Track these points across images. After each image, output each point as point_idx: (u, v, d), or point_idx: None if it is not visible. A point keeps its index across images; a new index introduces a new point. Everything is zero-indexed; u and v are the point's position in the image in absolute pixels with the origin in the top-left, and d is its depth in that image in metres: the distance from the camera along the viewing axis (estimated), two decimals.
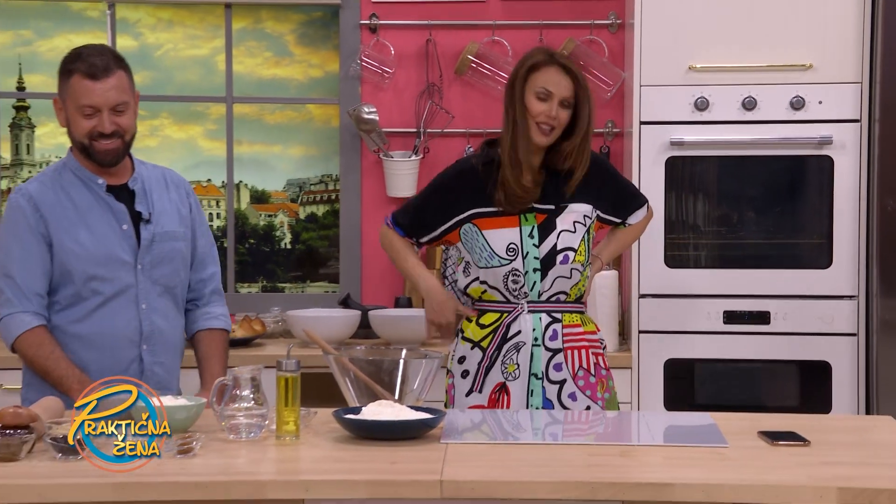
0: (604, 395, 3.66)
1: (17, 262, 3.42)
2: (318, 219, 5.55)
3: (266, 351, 4.76)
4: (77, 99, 3.43)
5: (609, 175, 3.77)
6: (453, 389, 3.71)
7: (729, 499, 2.61)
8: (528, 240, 3.60)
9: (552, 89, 3.55)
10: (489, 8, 5.22)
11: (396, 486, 2.64)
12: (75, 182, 3.50)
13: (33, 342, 3.40)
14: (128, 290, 3.50)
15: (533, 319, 3.61)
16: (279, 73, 5.48)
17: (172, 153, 5.53)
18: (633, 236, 3.91)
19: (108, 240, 3.48)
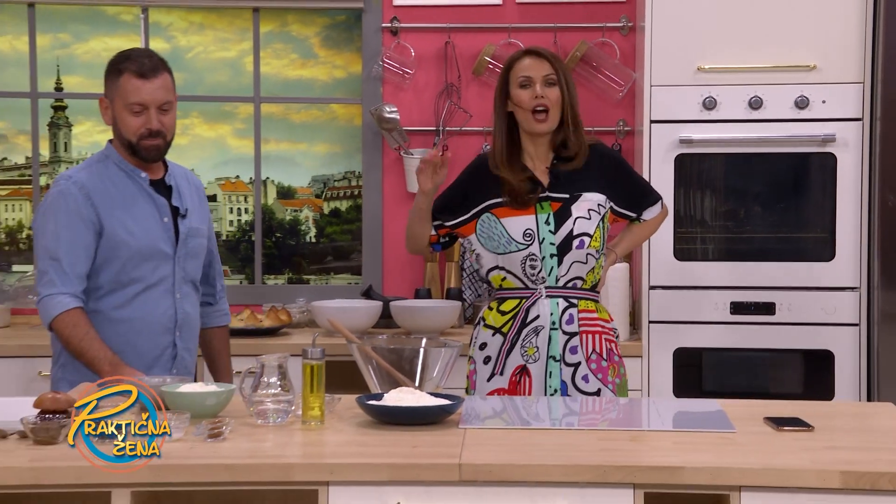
0: (614, 379, 3.67)
1: (65, 246, 3.43)
2: (341, 214, 5.56)
3: (292, 340, 4.77)
4: (126, 97, 3.48)
5: (622, 169, 3.80)
6: (475, 375, 3.73)
7: (736, 482, 2.61)
8: (544, 227, 3.63)
9: (530, 74, 3.65)
10: (505, 11, 5.22)
11: (417, 469, 2.64)
12: (120, 174, 3.54)
13: (69, 323, 3.41)
14: (166, 279, 3.56)
15: (550, 304, 3.64)
16: (304, 74, 5.48)
17: (203, 151, 5.54)
18: (648, 232, 3.92)
19: (152, 231, 3.53)
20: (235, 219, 5.57)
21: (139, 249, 3.49)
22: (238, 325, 4.82)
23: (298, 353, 3.08)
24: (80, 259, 3.44)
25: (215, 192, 5.55)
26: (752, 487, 2.60)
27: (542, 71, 3.65)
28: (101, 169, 3.54)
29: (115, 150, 3.56)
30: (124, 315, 3.50)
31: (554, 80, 3.65)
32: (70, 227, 3.44)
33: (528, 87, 3.64)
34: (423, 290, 5.16)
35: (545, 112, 3.63)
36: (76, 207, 3.45)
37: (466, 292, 5.14)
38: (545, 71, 3.65)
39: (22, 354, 4.58)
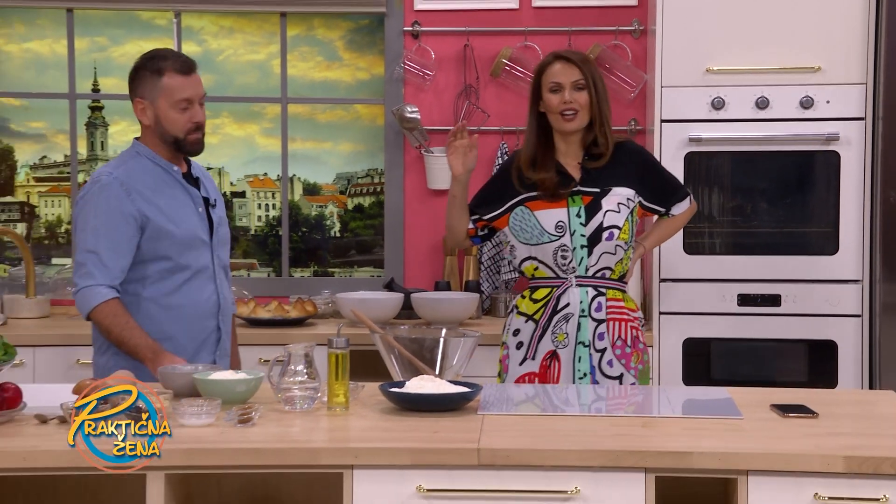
0: (637, 365, 3.72)
1: (104, 239, 3.42)
2: (364, 209, 5.56)
3: (318, 330, 4.77)
4: (172, 94, 3.47)
5: (651, 165, 3.86)
6: (507, 360, 3.78)
7: (743, 466, 2.60)
8: (575, 219, 3.67)
9: (560, 80, 3.70)
10: (522, 15, 5.21)
11: (438, 454, 2.65)
12: (156, 169, 3.53)
13: (109, 313, 3.41)
14: (207, 266, 3.59)
15: (580, 292, 3.68)
16: (329, 75, 5.48)
17: (232, 149, 5.55)
18: (675, 227, 3.96)
19: (191, 221, 3.54)
20: (263, 214, 5.57)
21: (183, 238, 3.50)
22: (266, 315, 4.83)
23: (324, 343, 3.09)
24: (120, 252, 3.43)
25: (244, 188, 5.56)
26: (759, 472, 2.60)
27: (571, 77, 3.69)
28: (136, 165, 3.53)
29: (146, 147, 3.55)
30: (174, 302, 3.51)
31: (583, 85, 3.70)
32: (110, 221, 3.43)
33: (558, 91, 3.70)
34: (442, 282, 5.16)
35: (574, 113, 3.68)
36: (117, 202, 3.43)
37: (484, 284, 5.14)
38: (574, 76, 3.69)
39: (61, 343, 4.60)
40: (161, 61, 3.50)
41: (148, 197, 3.47)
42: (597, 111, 3.71)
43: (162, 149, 3.55)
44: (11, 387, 2.85)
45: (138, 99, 3.51)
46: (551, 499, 2.63)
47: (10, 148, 5.49)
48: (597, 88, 3.70)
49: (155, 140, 3.55)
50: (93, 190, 3.47)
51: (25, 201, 5.53)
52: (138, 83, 3.52)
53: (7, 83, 5.45)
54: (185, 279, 3.52)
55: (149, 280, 3.49)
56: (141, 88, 3.51)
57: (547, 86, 3.72)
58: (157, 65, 3.50)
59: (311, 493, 2.98)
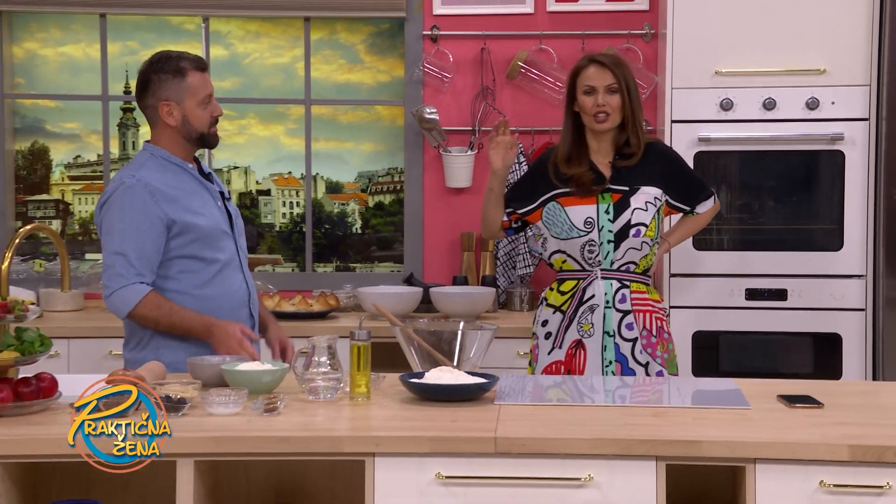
0: (663, 354, 3.74)
1: (131, 241, 3.36)
2: (385, 207, 5.56)
3: (340, 323, 4.78)
4: (197, 92, 3.43)
5: (678, 165, 3.88)
6: (537, 349, 3.81)
7: (751, 454, 2.59)
8: (603, 215, 3.69)
9: (594, 83, 3.72)
10: (537, 20, 5.20)
11: (456, 442, 2.65)
12: (173, 168, 3.47)
13: (152, 305, 3.36)
14: (234, 257, 3.55)
15: (605, 285, 3.70)
16: (351, 78, 5.48)
17: (258, 149, 5.56)
18: (699, 224, 3.98)
19: (214, 215, 3.50)
20: (288, 211, 5.58)
21: (209, 231, 3.45)
22: (290, 308, 4.84)
23: (346, 335, 3.09)
24: (147, 252, 3.38)
25: (269, 186, 5.57)
26: (766, 460, 2.60)
27: (604, 80, 3.71)
28: (155, 166, 3.46)
29: (159, 148, 3.48)
30: (207, 293, 3.47)
31: (616, 88, 3.71)
32: (136, 223, 3.37)
33: (592, 94, 3.73)
34: (460, 277, 5.16)
35: (606, 115, 3.71)
36: (142, 204, 3.37)
37: (500, 279, 5.14)
38: (608, 80, 3.71)
39: (94, 335, 4.62)
40: (179, 62, 3.44)
41: (171, 196, 3.41)
42: (629, 112, 3.72)
43: (178, 148, 3.49)
44: (47, 377, 2.87)
45: (164, 102, 3.42)
46: (565, 485, 2.62)
47: (45, 148, 5.51)
48: (629, 91, 3.71)
49: (176, 140, 3.48)
50: (117, 193, 3.40)
51: (60, 199, 5.55)
52: (159, 86, 3.43)
53: (43, 85, 5.47)
54: (216, 271, 3.48)
55: (180, 275, 3.44)
56: (164, 91, 3.43)
57: (581, 88, 3.74)
58: (177, 65, 3.43)
59: (334, 479, 2.99)
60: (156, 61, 3.46)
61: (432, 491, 2.64)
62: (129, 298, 3.36)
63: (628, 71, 3.76)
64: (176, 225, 3.40)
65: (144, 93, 3.46)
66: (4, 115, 5.32)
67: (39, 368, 2.96)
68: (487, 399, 3.01)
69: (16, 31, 5.41)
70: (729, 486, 2.86)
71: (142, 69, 3.49)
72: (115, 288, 3.37)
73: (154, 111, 3.46)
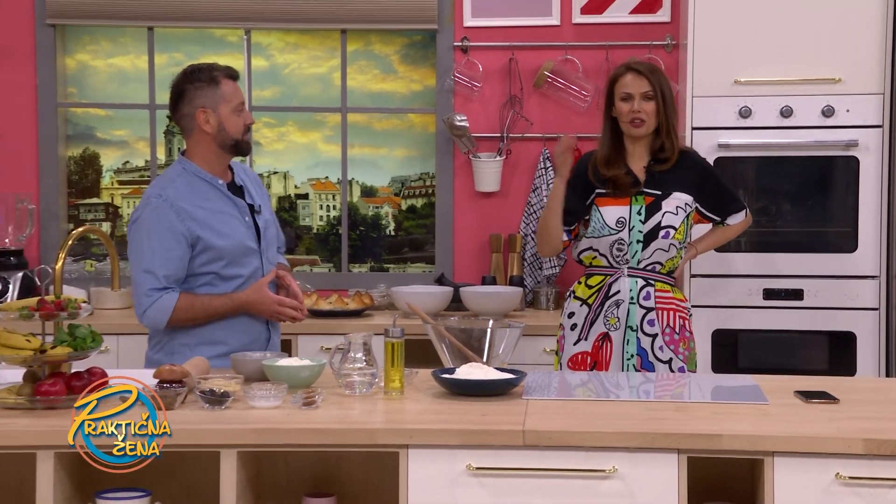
0: (685, 351, 3.74)
1: (159, 258, 3.34)
2: (417, 210, 5.56)
3: (374, 320, 4.78)
4: (231, 99, 3.41)
5: (710, 176, 3.87)
6: (563, 340, 3.82)
7: (769, 448, 2.58)
8: (635, 216, 3.70)
9: (630, 90, 3.72)
10: (563, 31, 5.19)
11: (486, 435, 2.65)
12: (202, 184, 3.43)
13: (185, 308, 3.36)
14: (256, 271, 3.49)
15: (630, 282, 3.71)
16: (385, 87, 5.49)
17: (296, 155, 5.57)
18: (728, 235, 3.98)
19: (239, 232, 3.44)
20: (325, 214, 5.59)
21: (232, 250, 3.41)
22: (327, 307, 4.85)
23: (381, 332, 3.09)
24: (174, 268, 3.36)
25: (307, 190, 5.58)
26: (784, 453, 2.58)
27: (640, 88, 3.70)
28: (185, 183, 3.41)
29: (192, 163, 3.44)
30: None
31: (651, 95, 3.71)
32: (164, 242, 3.34)
33: (628, 100, 3.72)
34: (488, 277, 5.16)
35: (642, 121, 3.70)
36: (168, 223, 3.34)
37: (527, 279, 5.14)
38: (644, 88, 3.70)
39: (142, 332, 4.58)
40: (212, 71, 3.40)
41: (196, 215, 3.37)
42: (664, 119, 3.71)
43: (213, 159, 3.44)
44: (98, 371, 2.88)
45: (201, 109, 3.38)
46: (591, 477, 2.62)
47: (96, 154, 5.55)
48: (664, 98, 3.70)
49: (210, 149, 3.43)
50: (144, 213, 3.37)
51: (110, 202, 5.58)
52: (195, 94, 3.39)
53: (94, 95, 5.50)
54: (237, 286, 3.44)
55: (201, 289, 3.41)
56: (200, 99, 3.39)
57: (619, 94, 3.73)
58: (211, 75, 3.40)
59: (369, 470, 2.99)
60: (189, 72, 3.44)
61: (463, 482, 2.64)
62: (163, 309, 3.35)
63: (664, 78, 3.75)
64: (200, 243, 3.37)
65: (180, 102, 3.43)
66: (58, 123, 5.36)
67: (91, 363, 2.98)
68: (516, 394, 3.01)
69: (69, 44, 5.45)
70: (748, 478, 2.84)
71: (175, 81, 3.46)
72: (147, 305, 3.36)
73: (191, 119, 3.42)
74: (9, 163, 5.29)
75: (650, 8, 5.15)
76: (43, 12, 5.25)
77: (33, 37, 5.28)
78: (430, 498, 2.65)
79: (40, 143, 5.32)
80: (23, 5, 5.26)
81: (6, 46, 5.26)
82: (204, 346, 3.39)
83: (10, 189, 5.21)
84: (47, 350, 2.83)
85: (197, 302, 3.38)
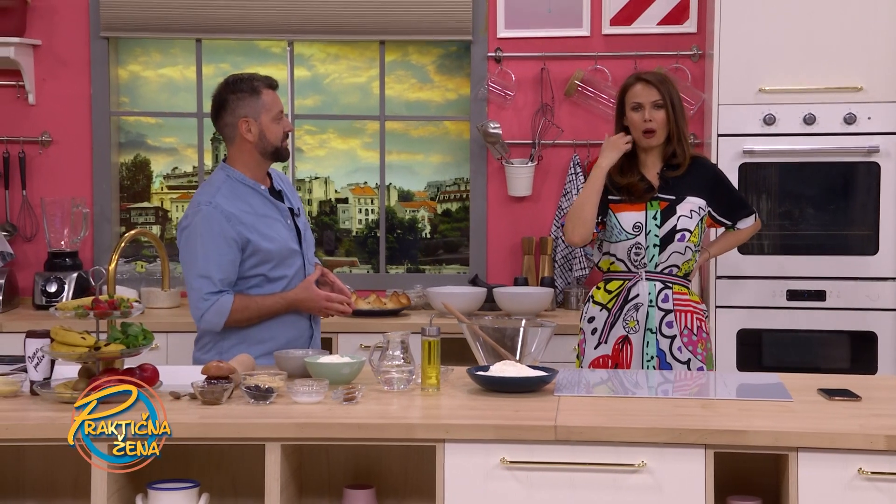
0: (703, 352, 3.71)
1: (213, 262, 3.35)
2: (452, 214, 5.56)
3: (411, 320, 4.78)
4: (271, 108, 3.41)
5: (721, 181, 3.85)
6: (584, 344, 3.79)
7: (794, 444, 2.56)
8: (651, 221, 3.68)
9: (640, 100, 3.68)
10: (593, 42, 5.18)
11: (519, 430, 2.64)
12: (246, 190, 3.44)
13: (241, 307, 3.38)
14: (299, 272, 3.51)
15: (649, 285, 3.68)
16: (422, 96, 5.49)
17: (337, 161, 5.58)
18: (739, 239, 3.96)
19: (283, 234, 3.46)
20: (364, 218, 5.60)
21: (279, 252, 3.43)
22: (365, 307, 4.85)
23: (418, 331, 3.10)
24: (228, 272, 3.37)
25: (347, 195, 5.59)
26: (808, 448, 2.57)
27: (650, 97, 3.67)
28: (230, 190, 3.42)
29: (234, 169, 3.45)
30: None
31: (661, 104, 3.68)
32: (216, 247, 3.35)
33: (639, 110, 3.69)
34: (521, 278, 5.15)
35: (653, 131, 3.67)
36: (220, 229, 3.35)
37: (558, 280, 5.12)
38: (653, 97, 3.67)
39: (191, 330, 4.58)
40: (253, 82, 3.41)
41: (245, 220, 3.39)
42: (674, 127, 3.69)
43: (253, 165, 3.45)
44: (150, 367, 2.91)
45: (243, 119, 3.39)
46: (620, 471, 2.61)
47: (146, 160, 5.59)
48: (674, 106, 3.68)
49: (251, 156, 3.44)
50: (196, 220, 3.38)
51: (160, 206, 5.62)
52: (237, 105, 3.40)
53: (145, 104, 5.54)
54: (283, 287, 3.45)
55: (250, 290, 3.42)
56: (242, 109, 3.39)
57: (629, 104, 3.71)
58: (252, 85, 3.40)
59: (407, 463, 2.99)
60: (231, 83, 3.44)
61: (497, 475, 2.64)
62: (221, 311, 3.37)
63: (673, 87, 3.72)
64: (249, 246, 3.39)
65: (222, 112, 3.44)
66: (111, 130, 5.40)
67: (142, 360, 3.00)
68: (548, 391, 3.00)
69: (121, 56, 5.49)
70: (772, 472, 2.82)
71: (216, 92, 3.47)
72: (204, 309, 3.37)
73: (233, 129, 3.43)
74: (64, 169, 5.33)
75: (677, 19, 5.12)
76: (97, 26, 5.30)
77: (88, 49, 5.33)
78: (465, 490, 2.65)
79: (94, 150, 5.36)
80: (79, 19, 5.31)
81: (63, 58, 5.31)
82: (252, 346, 3.40)
83: (65, 194, 5.26)
84: (101, 347, 2.85)
85: (251, 303, 3.40)
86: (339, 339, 4.67)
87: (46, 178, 5.32)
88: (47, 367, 2.96)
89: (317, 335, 3.59)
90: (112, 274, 3.00)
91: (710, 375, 3.50)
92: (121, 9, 5.25)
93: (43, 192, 5.27)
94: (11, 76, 5.27)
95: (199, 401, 2.84)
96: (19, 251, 5.29)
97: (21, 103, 5.31)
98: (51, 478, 2.98)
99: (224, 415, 2.73)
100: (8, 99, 5.31)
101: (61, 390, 2.86)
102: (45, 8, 5.28)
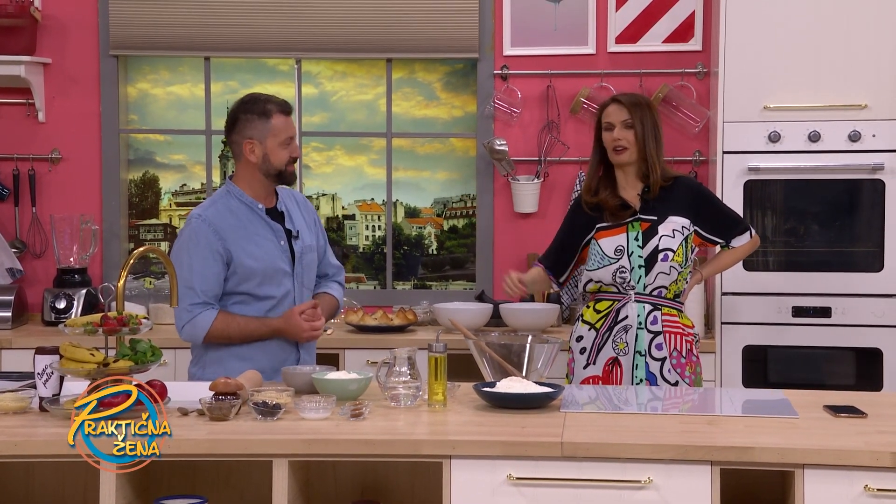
0: (691, 375, 3.68)
1: (198, 275, 3.38)
2: (458, 230, 5.57)
3: (418, 336, 4.78)
4: (279, 134, 3.42)
5: (706, 199, 3.82)
6: (573, 363, 3.76)
7: (800, 460, 2.56)
8: (633, 242, 3.65)
9: (611, 120, 3.74)
10: (598, 60, 5.19)
11: (525, 446, 2.64)
12: (241, 207, 3.46)
13: (221, 325, 3.39)
14: (289, 294, 3.50)
15: (638, 307, 3.65)
16: (428, 113, 5.51)
17: (344, 177, 5.59)
18: (735, 258, 3.90)
19: (272, 254, 3.46)
20: (370, 234, 5.61)
21: (263, 271, 3.43)
22: (372, 322, 4.85)
23: (424, 347, 3.10)
24: (211, 285, 3.39)
25: (354, 211, 5.60)
26: (814, 465, 2.56)
27: (620, 116, 3.72)
28: (225, 204, 3.45)
29: (237, 187, 3.48)
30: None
31: (630, 124, 3.71)
32: (202, 259, 3.38)
33: (610, 129, 3.73)
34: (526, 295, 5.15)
35: (623, 148, 3.70)
36: (206, 242, 3.38)
37: (564, 297, 5.12)
38: (623, 116, 3.71)
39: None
40: (266, 104, 3.42)
41: (232, 235, 3.40)
42: (642, 146, 3.69)
43: (256, 185, 3.46)
44: (158, 383, 2.91)
45: (248, 140, 3.42)
46: (626, 487, 2.61)
47: (155, 177, 5.60)
48: (644, 127, 3.68)
49: (255, 176, 3.46)
50: (186, 232, 3.43)
51: (168, 223, 5.63)
52: (244, 125, 3.42)
53: (153, 121, 5.56)
54: (269, 307, 3.46)
55: (234, 307, 3.44)
56: (249, 130, 3.42)
57: (604, 124, 3.75)
58: (264, 108, 3.42)
59: (413, 479, 2.99)
60: (246, 102, 3.47)
61: (503, 491, 2.64)
62: (201, 326, 3.39)
63: (648, 111, 3.73)
64: (233, 262, 3.41)
65: (232, 129, 3.48)
66: (120, 147, 5.42)
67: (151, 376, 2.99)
68: (554, 407, 3.00)
69: (130, 73, 5.51)
70: (779, 489, 2.82)
71: (232, 107, 3.51)
72: (185, 321, 3.41)
73: (238, 147, 3.46)
74: (74, 186, 5.35)
75: (683, 37, 5.13)
76: (107, 44, 5.32)
77: (98, 67, 5.35)
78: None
79: (103, 166, 5.38)
80: (88, 38, 5.33)
81: (73, 76, 5.34)
82: (234, 361, 3.41)
83: (74, 211, 5.27)
84: (110, 363, 2.86)
85: (233, 323, 3.41)
86: (345, 355, 4.67)
87: (56, 195, 5.34)
88: (56, 384, 2.96)
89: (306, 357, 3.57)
90: (121, 290, 3.01)
91: (715, 392, 3.49)
92: (130, 27, 5.28)
93: (52, 209, 5.29)
94: (22, 94, 5.30)
95: (206, 417, 2.84)
96: (29, 268, 5.30)
97: (31, 121, 5.33)
98: (60, 494, 2.99)
99: (232, 431, 2.73)
100: (18, 117, 5.34)
101: (70, 407, 2.85)
102: (55, 27, 5.31)
